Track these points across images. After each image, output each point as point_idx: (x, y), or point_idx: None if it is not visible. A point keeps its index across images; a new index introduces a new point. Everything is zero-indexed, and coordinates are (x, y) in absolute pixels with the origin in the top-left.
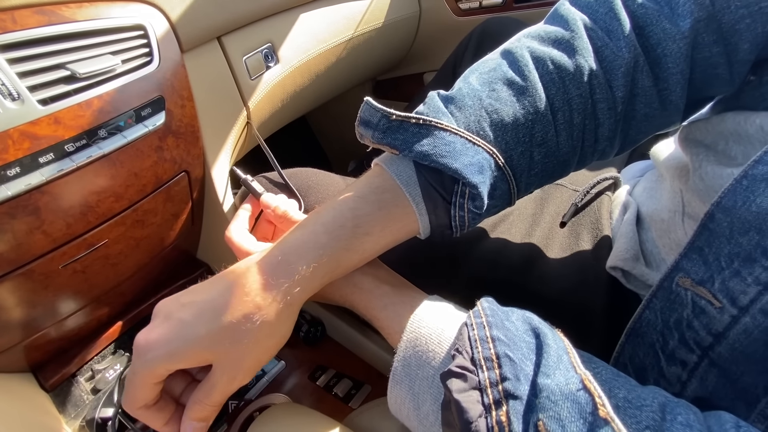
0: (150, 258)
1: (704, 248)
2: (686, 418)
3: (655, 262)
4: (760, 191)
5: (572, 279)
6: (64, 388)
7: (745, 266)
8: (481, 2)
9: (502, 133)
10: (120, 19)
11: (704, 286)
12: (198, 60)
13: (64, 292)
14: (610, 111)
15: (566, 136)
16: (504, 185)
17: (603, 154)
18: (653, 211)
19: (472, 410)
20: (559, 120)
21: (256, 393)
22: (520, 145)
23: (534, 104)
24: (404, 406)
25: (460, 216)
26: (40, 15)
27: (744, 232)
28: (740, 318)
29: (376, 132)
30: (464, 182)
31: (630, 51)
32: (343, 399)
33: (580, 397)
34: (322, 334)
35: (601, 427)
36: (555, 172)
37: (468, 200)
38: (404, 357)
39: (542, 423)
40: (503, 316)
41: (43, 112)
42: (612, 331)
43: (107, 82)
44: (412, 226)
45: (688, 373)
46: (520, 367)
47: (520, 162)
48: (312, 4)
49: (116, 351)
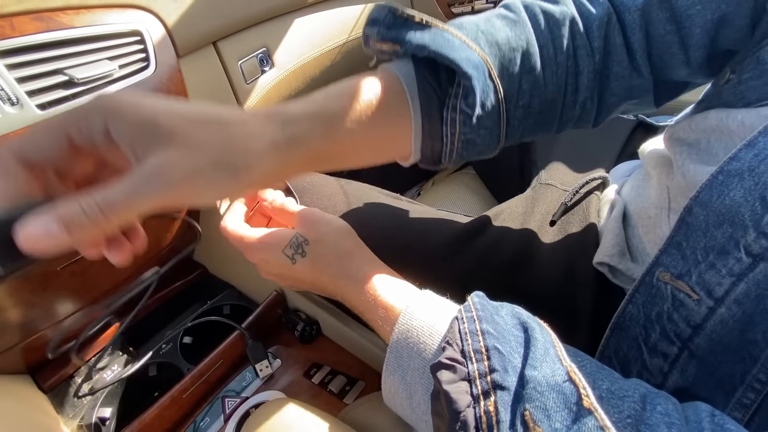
0: (147, 260)
1: (682, 242)
2: (665, 408)
3: (640, 257)
4: (733, 185)
5: (561, 275)
6: (62, 389)
7: (719, 259)
8: (473, 6)
9: (495, 50)
10: (117, 25)
11: (683, 280)
12: (194, 65)
13: (62, 293)
14: (588, 58)
15: (550, 72)
16: (494, 100)
17: (583, 111)
18: (640, 209)
19: (461, 400)
20: (545, 55)
21: (252, 390)
22: (510, 66)
23: (524, 34)
24: (397, 396)
25: (452, 118)
26: (38, 21)
27: (718, 225)
28: (716, 309)
29: (381, 28)
30: (458, 72)
31: (604, 10)
32: (337, 395)
33: (566, 388)
34: (317, 332)
35: (585, 416)
36: (542, 113)
37: (461, 99)
38: (396, 348)
39: (528, 412)
40: (493, 311)
41: (41, 116)
42: (598, 325)
43: (105, 87)
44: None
45: (669, 364)
46: (509, 359)
47: (510, 85)
48: (307, 9)
49: (114, 353)
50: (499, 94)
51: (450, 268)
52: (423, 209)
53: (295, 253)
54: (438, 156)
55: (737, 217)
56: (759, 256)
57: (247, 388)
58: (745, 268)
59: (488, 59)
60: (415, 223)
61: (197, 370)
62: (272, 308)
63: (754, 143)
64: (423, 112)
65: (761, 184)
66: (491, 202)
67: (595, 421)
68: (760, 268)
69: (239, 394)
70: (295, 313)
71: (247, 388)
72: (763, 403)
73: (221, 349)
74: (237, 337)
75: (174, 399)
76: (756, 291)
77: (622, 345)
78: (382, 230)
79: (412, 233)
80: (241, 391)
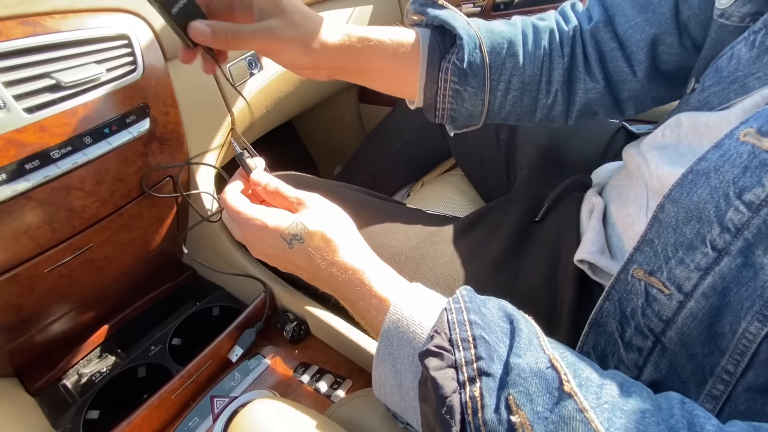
0: (135, 261)
1: (654, 240)
2: (639, 393)
3: (620, 255)
4: (701, 183)
5: (543, 273)
6: (50, 392)
7: (688, 254)
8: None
9: (489, 34)
10: (104, 29)
11: (655, 276)
12: (182, 68)
13: (49, 296)
14: (559, 59)
15: (529, 61)
16: (480, 66)
17: (555, 100)
18: (620, 208)
19: (447, 386)
20: (526, 48)
21: (241, 390)
22: (498, 47)
23: (513, 30)
24: (387, 383)
25: (446, 68)
26: (26, 26)
27: (687, 221)
28: (686, 303)
29: (416, 4)
30: (456, 35)
31: (572, 27)
32: (325, 393)
33: (548, 374)
34: (306, 332)
35: (565, 399)
36: (521, 93)
37: (454, 54)
38: (387, 337)
39: (512, 397)
40: (480, 303)
41: (28, 120)
42: (578, 321)
43: (92, 91)
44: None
45: (644, 358)
46: (494, 348)
47: (496, 61)
48: None
49: (102, 355)
50: (485, 61)
51: (437, 267)
52: (409, 210)
53: (294, 239)
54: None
55: (704, 213)
56: (723, 251)
57: (236, 388)
58: (710, 262)
59: (480, 36)
60: (401, 223)
61: (186, 371)
62: (261, 309)
63: (720, 145)
64: (428, 58)
65: (725, 182)
66: (478, 203)
67: (575, 404)
68: (725, 261)
69: (228, 393)
70: (283, 313)
71: (236, 387)
72: (732, 394)
73: (210, 350)
74: (226, 338)
75: (163, 399)
76: (721, 284)
77: (600, 340)
78: (368, 231)
79: (397, 233)
80: (229, 390)
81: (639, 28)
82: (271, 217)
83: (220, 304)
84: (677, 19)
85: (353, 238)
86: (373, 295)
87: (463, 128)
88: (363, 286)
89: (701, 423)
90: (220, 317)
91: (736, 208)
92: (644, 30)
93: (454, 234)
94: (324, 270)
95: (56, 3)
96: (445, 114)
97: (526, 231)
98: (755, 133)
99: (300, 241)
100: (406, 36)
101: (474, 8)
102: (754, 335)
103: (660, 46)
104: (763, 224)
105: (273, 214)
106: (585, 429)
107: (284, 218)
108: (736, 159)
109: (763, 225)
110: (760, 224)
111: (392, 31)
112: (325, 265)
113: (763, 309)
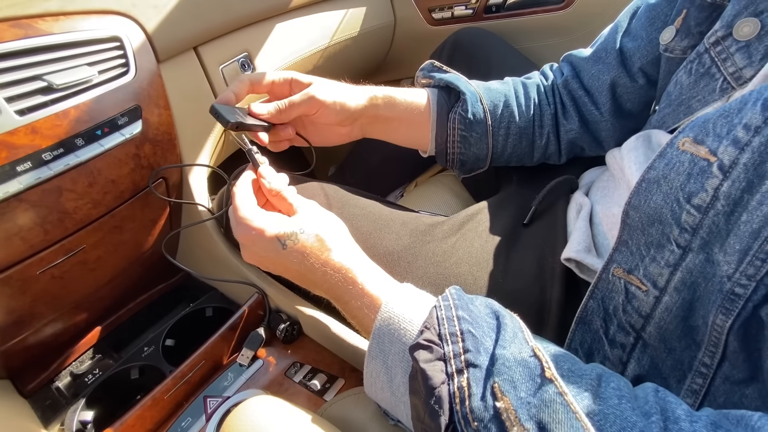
0: (128, 263)
1: (628, 240)
2: (618, 384)
3: (605, 253)
4: (653, 191)
5: (531, 273)
6: (43, 394)
7: (658, 252)
8: (453, 13)
9: (486, 90)
10: (96, 31)
11: (633, 274)
12: (175, 69)
13: (42, 297)
14: (547, 106)
15: (521, 111)
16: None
17: (548, 141)
18: (606, 208)
19: (436, 378)
20: (519, 100)
21: (234, 390)
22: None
23: (507, 87)
24: (378, 380)
25: (452, 118)
26: (17, 28)
27: (650, 224)
28: (661, 297)
29: (425, 71)
30: (459, 92)
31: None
32: (317, 392)
33: (530, 362)
34: (299, 332)
35: (547, 385)
36: (519, 137)
37: (459, 107)
38: (378, 335)
39: (498, 385)
40: (468, 301)
41: (20, 122)
42: (566, 319)
43: (84, 93)
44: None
45: (627, 354)
46: (481, 341)
47: (494, 111)
48: (288, 14)
49: (95, 356)
50: (485, 111)
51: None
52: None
53: (288, 239)
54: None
55: (663, 216)
56: (686, 248)
57: (229, 388)
58: (678, 258)
59: (480, 92)
60: (393, 223)
61: (179, 372)
62: (254, 309)
63: (663, 154)
64: (437, 111)
65: (674, 188)
66: (470, 203)
67: (555, 388)
68: (690, 257)
69: (221, 393)
70: (276, 313)
71: (229, 387)
72: (710, 388)
73: (203, 351)
74: (219, 338)
75: (156, 400)
76: (690, 278)
77: (587, 338)
78: (360, 231)
79: (390, 233)
80: (222, 390)
81: (597, 77)
82: (270, 224)
83: (213, 305)
84: (624, 64)
85: (346, 240)
86: (365, 294)
87: (470, 172)
88: (355, 285)
89: (672, 408)
90: (213, 318)
91: (688, 211)
92: (600, 78)
93: (445, 233)
94: (317, 269)
95: (48, 5)
96: (455, 158)
97: (515, 230)
98: (692, 141)
99: (294, 242)
100: (419, 94)
101: (466, 11)
102: (721, 327)
103: (617, 88)
104: (713, 225)
105: (271, 221)
106: (564, 411)
107: (281, 223)
108: (679, 167)
109: (713, 225)
110: (710, 225)
111: (406, 91)
112: (319, 265)
113: (724, 302)
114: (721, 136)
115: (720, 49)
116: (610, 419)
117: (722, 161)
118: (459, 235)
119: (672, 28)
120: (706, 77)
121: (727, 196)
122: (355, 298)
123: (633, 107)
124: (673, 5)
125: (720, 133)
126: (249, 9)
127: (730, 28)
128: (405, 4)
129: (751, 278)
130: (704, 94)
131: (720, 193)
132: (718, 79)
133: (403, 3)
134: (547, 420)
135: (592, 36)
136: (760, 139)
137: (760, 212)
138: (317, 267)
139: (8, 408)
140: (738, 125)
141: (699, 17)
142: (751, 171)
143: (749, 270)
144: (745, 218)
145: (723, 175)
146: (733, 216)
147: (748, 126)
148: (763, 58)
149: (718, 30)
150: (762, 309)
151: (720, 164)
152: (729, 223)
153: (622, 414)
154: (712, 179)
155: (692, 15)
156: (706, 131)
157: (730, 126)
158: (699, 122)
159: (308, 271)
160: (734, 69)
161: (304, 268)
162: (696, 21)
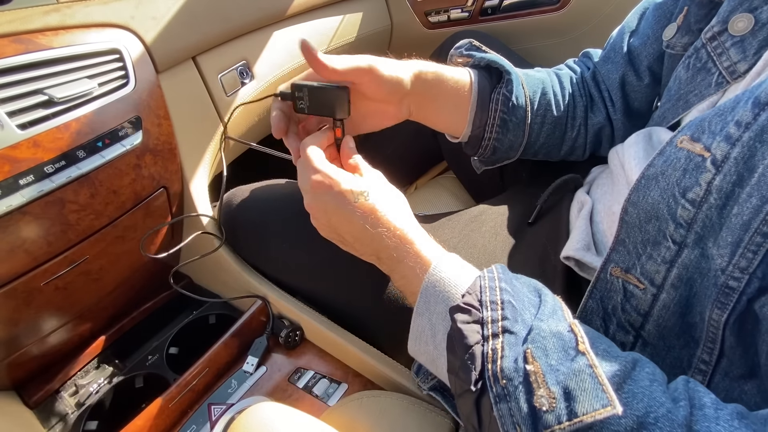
0: (131, 272)
1: (625, 239)
2: (652, 371)
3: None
4: (652, 186)
5: (533, 271)
6: (48, 404)
7: (654, 249)
8: (449, 16)
9: (525, 75)
10: (96, 45)
11: (630, 273)
12: (174, 80)
13: (46, 308)
14: (580, 98)
15: (559, 101)
16: (523, 102)
17: (578, 134)
18: (606, 206)
19: (471, 338)
20: (555, 88)
21: (238, 397)
22: (535, 87)
23: (546, 75)
24: (423, 334)
25: (496, 99)
26: (18, 44)
27: (648, 221)
28: (659, 295)
29: (463, 50)
30: (504, 71)
31: (581, 76)
32: (321, 398)
33: (565, 336)
34: (301, 338)
35: (579, 356)
36: (553, 126)
37: (504, 87)
38: (425, 294)
39: (530, 351)
40: (513, 277)
41: (22, 136)
42: None
43: (84, 105)
44: (467, 100)
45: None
46: (520, 312)
47: (533, 98)
48: (285, 21)
49: (99, 366)
50: (526, 98)
51: None
52: None
53: (360, 196)
54: (483, 129)
55: (659, 212)
56: (682, 244)
57: (233, 395)
58: (673, 254)
59: (522, 77)
60: None
61: (183, 379)
62: (257, 316)
63: (663, 152)
64: (478, 91)
65: (671, 184)
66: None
67: (587, 360)
68: (685, 253)
69: (225, 400)
70: (279, 319)
71: (233, 394)
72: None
73: (206, 358)
74: (222, 345)
75: (160, 408)
76: (686, 275)
77: None
78: None
79: None
80: (226, 398)
81: (608, 75)
82: (345, 179)
83: (216, 312)
84: (632, 63)
85: (405, 209)
86: (419, 256)
87: (496, 163)
88: (412, 247)
89: (700, 396)
90: (216, 325)
91: (683, 205)
92: (611, 76)
93: (448, 232)
94: (377, 229)
95: (48, 20)
96: (489, 144)
97: (521, 229)
98: (689, 139)
99: (366, 198)
100: (462, 72)
101: (462, 14)
102: (717, 322)
103: (626, 86)
104: (707, 218)
105: (347, 177)
106: (592, 381)
107: (354, 181)
108: (676, 163)
109: (707, 219)
110: (704, 219)
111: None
112: (380, 225)
113: (719, 296)
114: (715, 132)
115: (716, 44)
116: (638, 397)
117: (715, 156)
118: (463, 233)
119: (674, 25)
120: (703, 72)
121: (719, 190)
122: (408, 257)
123: (641, 106)
124: (678, 3)
125: (714, 130)
126: (247, 18)
127: (725, 24)
128: (401, 8)
129: (743, 271)
130: (701, 88)
131: (713, 187)
132: (714, 73)
133: (399, 7)
134: (573, 387)
135: (588, 36)
136: (749, 134)
137: (749, 204)
138: (378, 226)
139: (14, 419)
140: (731, 122)
141: (698, 14)
142: (741, 164)
143: (741, 262)
144: (736, 211)
145: (716, 169)
146: (726, 209)
147: (740, 122)
148: (756, 52)
149: (715, 25)
150: (756, 302)
151: (713, 159)
152: (722, 216)
153: (651, 394)
154: (706, 173)
155: (692, 12)
156: (702, 129)
157: (723, 123)
158: (697, 121)
159: (368, 230)
160: (729, 63)
161: (364, 226)
162: (696, 18)
